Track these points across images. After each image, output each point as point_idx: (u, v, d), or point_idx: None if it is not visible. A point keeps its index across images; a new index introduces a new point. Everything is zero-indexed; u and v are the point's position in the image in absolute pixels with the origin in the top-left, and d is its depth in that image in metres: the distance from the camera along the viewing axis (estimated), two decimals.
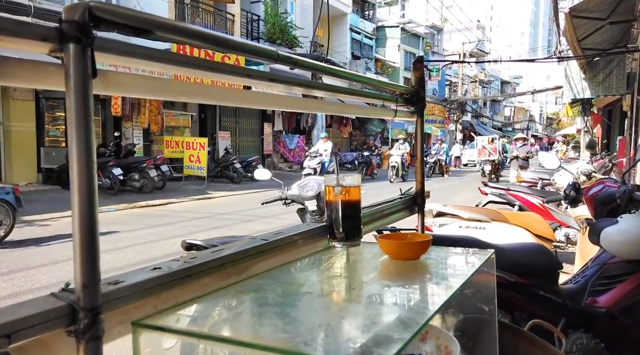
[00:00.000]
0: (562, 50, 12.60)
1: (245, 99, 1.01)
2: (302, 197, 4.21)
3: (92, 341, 0.60)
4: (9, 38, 0.55)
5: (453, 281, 0.86)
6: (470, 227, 3.78)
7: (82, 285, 0.59)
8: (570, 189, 3.59)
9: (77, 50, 0.57)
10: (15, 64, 0.57)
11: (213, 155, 15.48)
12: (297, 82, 1.09)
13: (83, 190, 0.59)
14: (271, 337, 0.59)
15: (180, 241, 2.96)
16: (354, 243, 1.15)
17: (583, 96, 12.38)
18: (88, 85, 0.58)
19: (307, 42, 18.47)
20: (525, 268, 2.39)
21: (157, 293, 0.73)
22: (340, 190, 1.12)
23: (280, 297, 0.78)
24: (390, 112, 1.61)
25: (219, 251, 0.87)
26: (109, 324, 0.64)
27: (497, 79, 48.02)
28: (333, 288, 0.84)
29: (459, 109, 32.69)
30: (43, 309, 0.57)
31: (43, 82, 0.60)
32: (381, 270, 0.96)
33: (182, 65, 0.79)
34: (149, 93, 0.76)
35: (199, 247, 2.82)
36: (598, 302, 2.31)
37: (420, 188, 1.73)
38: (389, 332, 0.60)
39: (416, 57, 1.71)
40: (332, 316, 0.68)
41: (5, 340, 0.53)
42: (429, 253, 1.02)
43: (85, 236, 0.59)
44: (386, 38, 29.31)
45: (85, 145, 0.59)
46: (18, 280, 4.69)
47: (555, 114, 54.67)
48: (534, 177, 8.21)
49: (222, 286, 0.83)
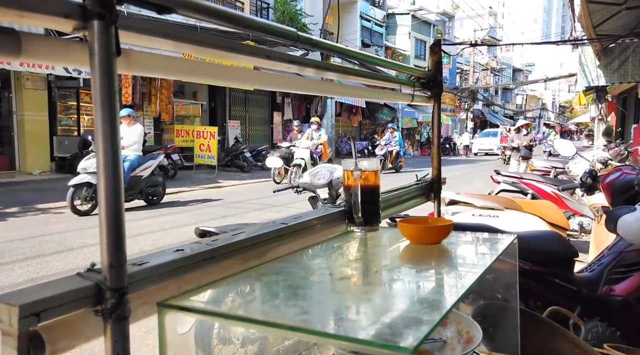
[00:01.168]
0: (577, 37, 12.36)
1: (264, 81, 1.00)
2: (313, 185, 4.20)
3: (118, 321, 0.60)
4: (31, 14, 0.54)
5: (476, 266, 0.84)
6: (483, 215, 3.75)
7: (108, 265, 0.59)
8: (587, 176, 3.54)
9: (101, 27, 0.56)
10: (38, 41, 0.56)
11: (223, 144, 15.53)
12: (316, 64, 1.07)
13: (108, 170, 0.58)
14: (298, 318, 0.59)
15: (192, 229, 2.98)
16: (372, 228, 1.14)
17: (598, 84, 12.17)
18: (113, 63, 0.57)
19: (316, 30, 18.35)
20: (540, 256, 2.37)
21: (180, 275, 0.73)
22: (359, 174, 1.11)
23: (302, 280, 0.78)
24: (406, 96, 1.59)
25: (239, 234, 0.87)
26: (134, 305, 0.64)
27: (509, 66, 47.36)
28: (355, 271, 0.83)
29: (470, 98, 32.36)
30: (70, 288, 0.57)
31: (67, 60, 0.60)
32: (402, 255, 0.95)
33: (203, 45, 0.77)
34: (171, 73, 0.75)
35: (212, 234, 2.84)
36: (614, 290, 2.29)
37: (437, 174, 1.71)
38: (417, 315, 0.59)
39: (434, 41, 1.68)
40: (357, 298, 0.68)
41: (35, 318, 0.53)
42: (449, 238, 1.00)
43: (111, 217, 0.59)
44: (396, 25, 28.99)
45: (110, 124, 0.58)
46: (33, 267, 4.76)
47: (568, 102, 53.85)
48: (547, 166, 8.13)
49: (243, 269, 0.83)
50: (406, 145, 25.21)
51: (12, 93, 11.70)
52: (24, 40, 0.53)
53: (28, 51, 0.54)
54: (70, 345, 0.59)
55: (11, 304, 0.52)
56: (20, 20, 0.54)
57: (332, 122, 17.52)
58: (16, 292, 0.56)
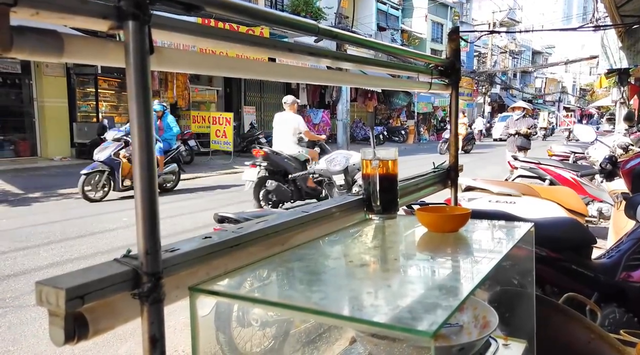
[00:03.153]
0: (599, 18, 12.02)
1: (285, 73, 1.03)
2: (330, 172, 4.23)
3: (155, 304, 0.64)
4: (72, 16, 0.57)
5: (493, 253, 0.87)
6: (500, 201, 3.74)
7: (145, 251, 0.63)
8: (607, 162, 3.50)
9: (135, 27, 0.59)
10: (78, 41, 0.59)
11: (239, 130, 15.60)
12: (334, 55, 1.09)
13: (144, 163, 0.62)
14: (321, 303, 0.62)
15: (209, 214, 3.04)
16: (390, 216, 1.17)
17: (620, 66, 11.85)
18: (146, 61, 0.60)
19: (331, 14, 18.14)
20: (558, 242, 2.37)
21: (209, 261, 0.77)
22: (378, 163, 1.14)
23: (323, 266, 0.81)
24: (424, 84, 1.59)
25: (263, 222, 0.91)
26: (167, 288, 0.68)
27: (529, 49, 46.31)
28: (375, 258, 0.86)
29: (488, 81, 31.81)
30: (110, 273, 0.62)
31: (103, 58, 0.63)
32: (421, 242, 0.98)
33: (226, 40, 0.80)
34: (200, 68, 0.78)
35: (231, 219, 2.90)
36: (633, 276, 2.28)
37: (454, 162, 1.72)
38: (436, 300, 0.62)
39: (452, 28, 1.68)
40: (378, 284, 0.71)
41: (80, 300, 0.58)
42: (466, 226, 1.03)
43: (146, 206, 0.62)
44: (413, 8, 28.48)
45: (145, 119, 0.61)
46: (57, 251, 4.91)
47: (589, 85, 52.58)
48: (566, 151, 8.01)
49: (267, 255, 0.86)
50: (422, 130, 25.01)
51: (32, 80, 11.90)
52: (66, 41, 0.57)
53: (70, 51, 0.57)
54: (111, 326, 0.63)
55: (59, 287, 0.56)
56: (61, 21, 0.57)
57: (347, 108, 17.40)
58: (62, 276, 0.60)
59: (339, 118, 17.51)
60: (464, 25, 32.13)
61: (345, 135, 17.10)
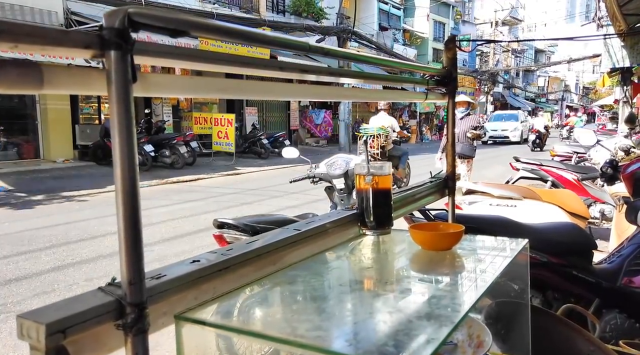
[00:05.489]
0: (602, 17, 11.97)
1: (275, 91, 1.02)
2: (330, 176, 4.22)
3: (139, 334, 0.63)
4: (54, 47, 0.56)
5: (486, 273, 0.86)
6: (501, 205, 3.72)
7: (128, 282, 0.62)
8: (607, 166, 3.48)
9: (117, 57, 0.58)
10: (61, 72, 0.58)
11: (241, 131, 15.62)
12: (329, 71, 1.08)
13: (127, 192, 0.61)
14: (309, 335, 0.61)
15: (210, 216, 3.03)
16: (384, 231, 1.16)
17: (623, 65, 11.79)
18: (129, 89, 0.60)
19: (333, 14, 18.13)
20: (558, 248, 2.36)
21: (197, 285, 0.76)
22: (371, 179, 1.13)
23: (314, 290, 0.80)
24: (420, 95, 1.58)
25: (253, 242, 0.90)
26: (153, 317, 0.67)
27: (531, 47, 46.16)
28: (366, 282, 0.86)
29: (490, 80, 31.73)
30: (93, 305, 0.61)
31: (86, 88, 0.62)
32: (413, 262, 0.97)
33: (214, 62, 0.79)
34: (186, 92, 0.77)
35: (230, 225, 2.90)
36: (634, 282, 2.27)
37: (451, 171, 1.71)
38: (423, 331, 0.61)
39: (448, 37, 1.66)
40: (366, 313, 0.70)
41: (61, 335, 0.57)
42: (461, 242, 1.02)
43: (130, 235, 0.62)
44: (414, 7, 28.43)
45: (127, 147, 0.61)
46: (59, 254, 4.92)
47: (592, 83, 52.32)
48: (568, 151, 7.97)
49: (258, 277, 0.86)
50: (424, 129, 24.98)
51: None
52: (45, 73, 0.56)
53: (50, 83, 0.56)
54: None
55: (39, 322, 0.55)
56: (42, 52, 0.56)
57: (349, 108, 17.39)
58: (44, 309, 0.59)
59: (341, 118, 17.52)
60: (466, 25, 32.07)
61: (347, 135, 17.10)
